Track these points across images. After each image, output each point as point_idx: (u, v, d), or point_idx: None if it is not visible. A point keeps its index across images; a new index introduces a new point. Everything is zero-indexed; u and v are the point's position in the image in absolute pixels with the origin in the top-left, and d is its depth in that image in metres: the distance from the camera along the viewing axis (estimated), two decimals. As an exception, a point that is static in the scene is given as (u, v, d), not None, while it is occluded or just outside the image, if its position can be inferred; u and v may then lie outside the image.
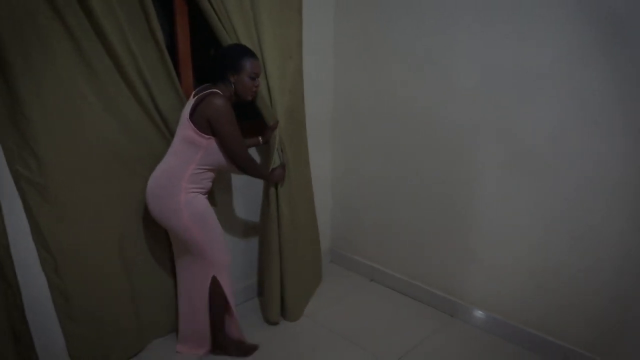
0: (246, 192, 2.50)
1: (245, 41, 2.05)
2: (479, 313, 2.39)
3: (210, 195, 2.09)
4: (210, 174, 1.97)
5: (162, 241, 2.17)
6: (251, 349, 2.22)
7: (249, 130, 2.20)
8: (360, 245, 2.93)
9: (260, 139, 2.27)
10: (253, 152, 2.42)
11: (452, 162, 2.33)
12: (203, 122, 1.82)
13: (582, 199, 1.93)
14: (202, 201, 1.95)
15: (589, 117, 1.84)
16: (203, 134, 1.84)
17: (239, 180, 2.43)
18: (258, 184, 2.43)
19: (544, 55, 1.91)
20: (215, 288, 2.06)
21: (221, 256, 2.04)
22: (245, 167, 1.99)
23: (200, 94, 1.87)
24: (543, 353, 2.16)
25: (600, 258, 1.92)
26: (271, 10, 2.15)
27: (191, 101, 1.88)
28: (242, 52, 1.92)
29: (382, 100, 2.56)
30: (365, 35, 2.56)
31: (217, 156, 1.90)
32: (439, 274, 2.53)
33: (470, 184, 2.29)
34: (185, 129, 1.85)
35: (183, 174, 1.86)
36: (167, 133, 2.03)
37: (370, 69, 2.58)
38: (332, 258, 3.13)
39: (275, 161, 2.23)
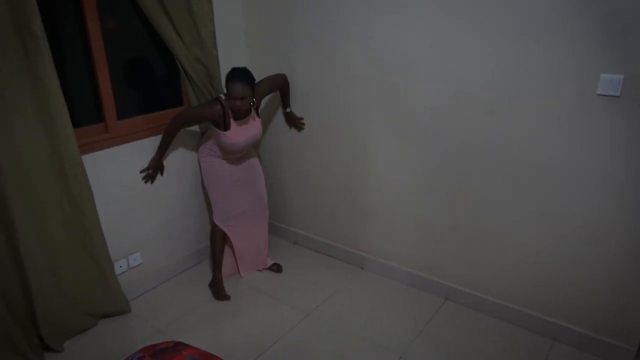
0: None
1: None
2: (382, 263, 2.82)
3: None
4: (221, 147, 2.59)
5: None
6: (224, 297, 2.65)
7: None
8: (284, 213, 3.27)
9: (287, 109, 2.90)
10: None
11: (352, 134, 2.69)
12: None
13: (453, 160, 2.35)
14: (211, 162, 2.62)
15: (458, 95, 2.22)
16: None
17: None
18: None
19: (423, 43, 2.26)
20: (216, 231, 2.71)
21: (217, 210, 2.68)
22: (165, 131, 2.54)
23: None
24: (430, 291, 2.65)
25: (471, 207, 2.37)
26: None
27: None
28: (228, 76, 2.40)
29: (292, 84, 2.83)
30: (271, 24, 2.79)
31: (216, 137, 2.54)
32: (348, 233, 2.94)
33: (366, 151, 2.66)
34: None
35: (207, 142, 2.63)
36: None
37: (280, 57, 2.82)
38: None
39: None
